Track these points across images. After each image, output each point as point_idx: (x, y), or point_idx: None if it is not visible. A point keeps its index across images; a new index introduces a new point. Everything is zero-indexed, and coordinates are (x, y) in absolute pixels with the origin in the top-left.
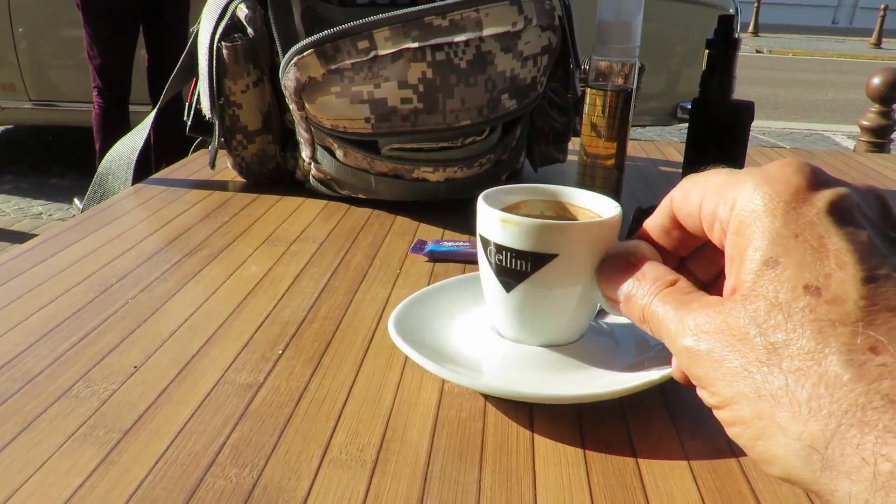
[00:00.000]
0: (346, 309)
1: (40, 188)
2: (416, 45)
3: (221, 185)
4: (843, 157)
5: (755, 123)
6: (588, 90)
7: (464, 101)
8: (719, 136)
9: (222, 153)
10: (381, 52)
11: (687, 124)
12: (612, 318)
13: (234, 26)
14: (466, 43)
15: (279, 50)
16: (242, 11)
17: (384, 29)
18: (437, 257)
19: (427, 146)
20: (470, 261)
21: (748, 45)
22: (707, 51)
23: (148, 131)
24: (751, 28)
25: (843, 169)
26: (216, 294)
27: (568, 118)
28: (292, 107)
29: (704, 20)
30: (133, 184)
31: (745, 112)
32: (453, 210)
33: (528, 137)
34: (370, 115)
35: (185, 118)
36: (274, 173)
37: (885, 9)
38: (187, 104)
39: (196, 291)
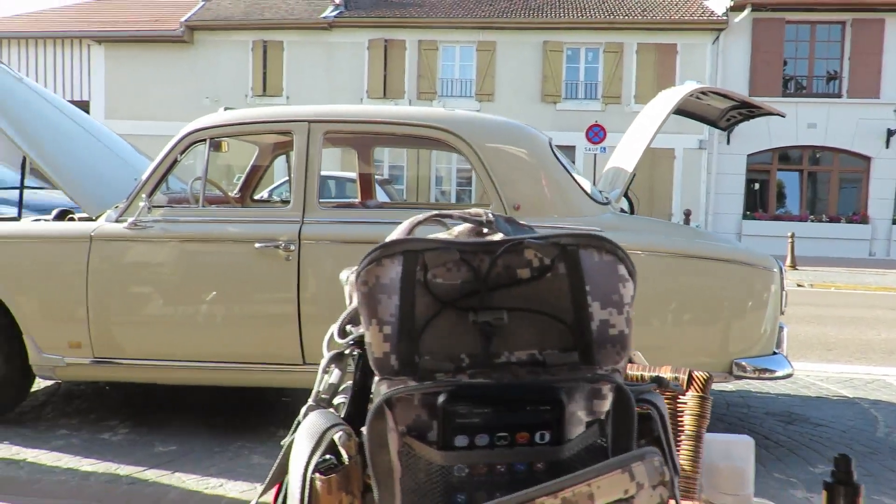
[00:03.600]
0: None
1: (91, 444)
2: None
3: None
4: None
5: (811, 368)
6: None
7: None
8: None
9: None
10: None
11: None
12: None
13: (328, 447)
14: None
15: (374, 486)
16: (339, 437)
17: None
18: None
19: None
20: None
21: (788, 280)
22: (825, 492)
23: None
24: (788, 262)
25: None
26: None
27: None
28: None
29: (748, 278)
30: None
31: None
32: None
33: None
34: None
35: None
36: None
37: None
38: None
39: None
